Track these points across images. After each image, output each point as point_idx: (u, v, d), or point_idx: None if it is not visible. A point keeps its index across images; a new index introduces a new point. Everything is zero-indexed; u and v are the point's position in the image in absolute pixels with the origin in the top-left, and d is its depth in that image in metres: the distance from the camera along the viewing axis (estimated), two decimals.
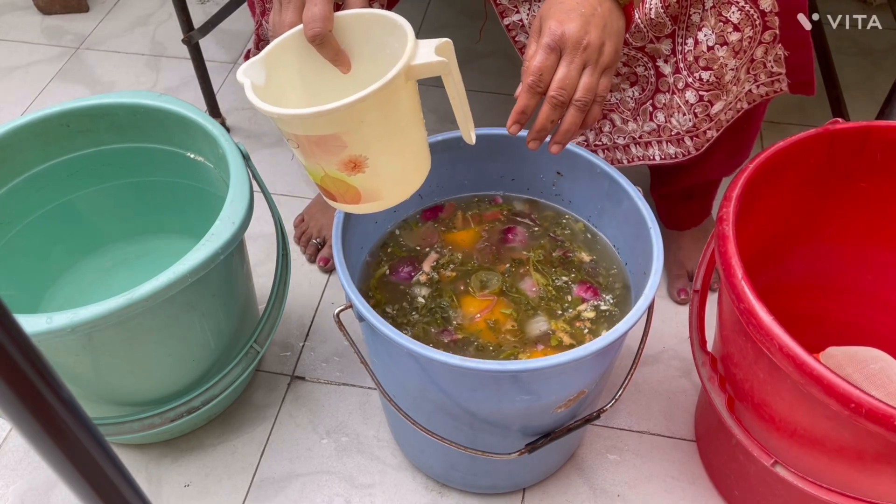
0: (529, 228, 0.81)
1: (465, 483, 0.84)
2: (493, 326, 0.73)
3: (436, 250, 0.79)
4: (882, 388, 0.76)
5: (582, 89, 0.63)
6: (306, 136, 0.59)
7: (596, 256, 0.79)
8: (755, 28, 0.75)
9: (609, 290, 0.76)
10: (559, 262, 0.78)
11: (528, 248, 0.79)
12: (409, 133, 0.63)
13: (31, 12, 1.57)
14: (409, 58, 0.58)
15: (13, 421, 0.28)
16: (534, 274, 0.76)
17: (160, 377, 0.78)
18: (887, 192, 0.77)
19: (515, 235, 0.80)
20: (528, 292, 0.75)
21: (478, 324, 0.73)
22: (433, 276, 0.77)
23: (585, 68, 0.63)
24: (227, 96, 1.34)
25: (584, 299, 0.75)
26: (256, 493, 0.86)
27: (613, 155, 0.89)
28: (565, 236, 0.80)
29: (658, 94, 0.81)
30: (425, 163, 0.67)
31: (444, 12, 1.54)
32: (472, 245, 0.80)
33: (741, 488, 0.79)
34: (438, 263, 0.78)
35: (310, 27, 0.61)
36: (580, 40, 0.61)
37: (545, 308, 0.74)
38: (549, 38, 0.62)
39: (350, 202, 0.64)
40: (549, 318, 0.74)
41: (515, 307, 0.74)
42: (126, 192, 0.91)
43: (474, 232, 0.81)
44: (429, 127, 0.66)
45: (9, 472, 0.88)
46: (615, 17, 0.64)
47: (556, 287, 0.76)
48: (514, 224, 0.81)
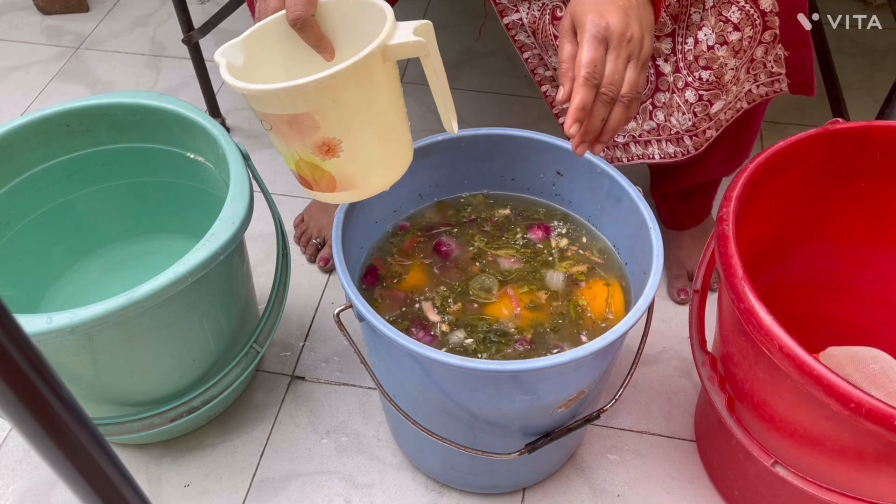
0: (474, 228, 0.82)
1: (465, 483, 0.84)
2: (534, 306, 0.74)
3: (426, 297, 0.76)
4: (882, 388, 0.76)
5: (628, 84, 0.61)
6: (278, 116, 0.57)
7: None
8: (755, 28, 0.75)
9: (553, 218, 0.80)
10: (496, 232, 0.81)
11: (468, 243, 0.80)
12: (386, 118, 0.61)
13: (31, 12, 1.57)
14: (387, 37, 0.57)
15: (13, 421, 0.28)
16: (496, 252, 0.78)
17: (160, 377, 0.78)
18: (887, 192, 0.77)
19: (450, 244, 0.80)
20: (511, 266, 0.78)
21: (522, 316, 0.74)
22: (449, 319, 0.74)
23: (630, 62, 0.61)
24: (227, 96, 1.34)
25: (545, 237, 0.79)
26: (256, 493, 0.86)
27: (613, 153, 0.89)
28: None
29: (658, 93, 0.81)
30: (405, 155, 0.65)
31: (444, 12, 1.54)
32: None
33: (741, 488, 0.79)
34: (441, 306, 0.75)
35: (291, 10, 0.61)
36: (624, 32, 0.60)
37: (539, 264, 0.77)
38: (596, 29, 0.60)
39: (325, 189, 0.63)
40: (551, 269, 0.76)
41: (527, 282, 0.76)
42: (126, 192, 0.91)
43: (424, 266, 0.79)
44: (429, 127, 0.66)
45: (9, 472, 0.88)
46: (647, 10, 0.63)
47: (520, 246, 0.79)
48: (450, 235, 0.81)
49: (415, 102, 1.25)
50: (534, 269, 0.77)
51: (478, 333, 0.72)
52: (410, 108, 0.64)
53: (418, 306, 0.75)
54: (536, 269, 0.77)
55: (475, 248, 0.79)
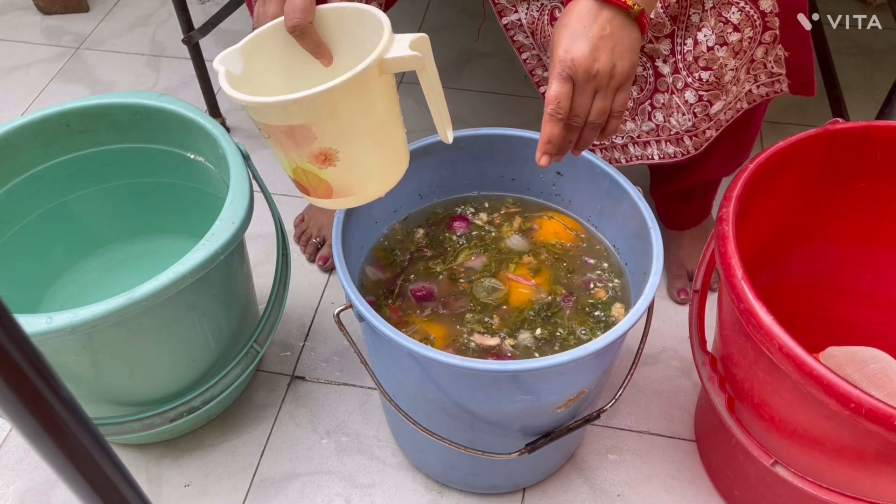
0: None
1: (465, 483, 0.84)
2: (535, 270, 0.77)
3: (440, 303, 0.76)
4: (882, 388, 0.76)
5: (595, 113, 0.64)
6: (276, 126, 0.58)
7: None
8: (755, 28, 0.75)
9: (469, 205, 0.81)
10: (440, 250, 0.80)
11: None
12: (383, 128, 0.62)
13: (31, 12, 1.57)
14: (383, 51, 0.57)
15: (13, 421, 0.28)
16: (460, 263, 0.79)
17: (160, 377, 0.78)
18: (887, 192, 0.77)
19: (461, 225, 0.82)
20: (475, 266, 0.78)
21: (537, 284, 0.76)
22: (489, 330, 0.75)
23: (597, 93, 0.64)
24: (227, 96, 1.33)
25: (465, 228, 0.80)
26: (256, 493, 0.86)
27: (612, 154, 0.89)
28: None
29: (656, 93, 0.81)
30: (401, 162, 0.66)
31: (443, 12, 1.54)
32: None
33: (741, 488, 0.79)
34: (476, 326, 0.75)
35: (290, 17, 0.62)
36: (589, 69, 0.62)
37: (493, 243, 0.79)
38: (560, 67, 0.62)
39: (322, 196, 0.64)
40: (503, 238, 0.79)
41: (502, 264, 0.77)
42: (126, 192, 0.91)
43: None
44: (428, 127, 0.66)
45: (9, 472, 0.88)
46: (627, 31, 0.63)
47: (469, 243, 0.80)
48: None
49: (414, 102, 1.25)
50: (497, 251, 0.78)
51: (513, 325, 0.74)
52: (409, 108, 0.65)
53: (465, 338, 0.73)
54: (498, 248, 0.79)
55: (444, 272, 0.78)
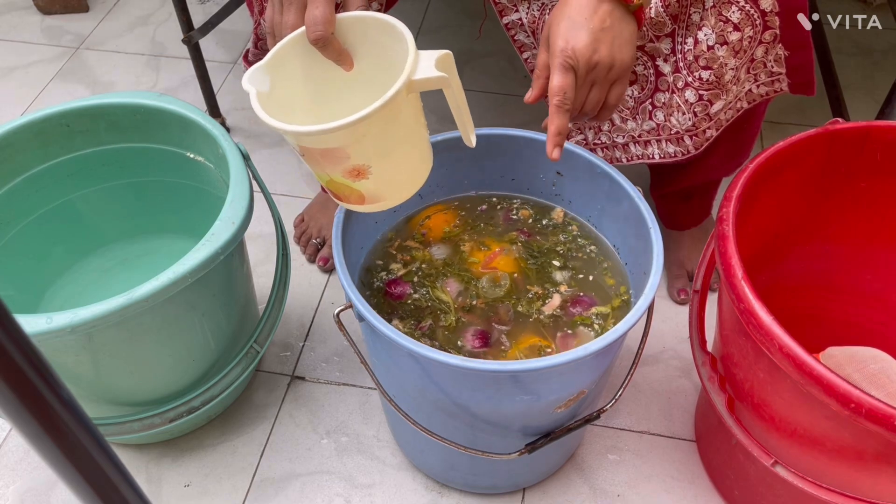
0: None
1: (465, 483, 0.84)
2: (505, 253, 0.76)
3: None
4: (882, 388, 0.76)
5: (590, 104, 0.66)
6: (310, 149, 0.60)
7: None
8: (755, 28, 0.75)
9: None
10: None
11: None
12: (411, 141, 0.64)
13: (31, 12, 1.57)
14: (410, 73, 0.58)
15: (13, 421, 0.28)
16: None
17: (160, 377, 0.78)
18: (887, 192, 0.77)
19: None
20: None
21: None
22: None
23: (594, 86, 0.65)
24: (227, 96, 1.34)
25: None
26: (256, 493, 0.86)
27: (612, 154, 0.89)
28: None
29: (657, 93, 0.81)
30: (427, 164, 0.68)
31: (443, 12, 1.54)
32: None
33: (741, 488, 0.79)
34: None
35: (312, 30, 0.62)
36: (589, 59, 0.63)
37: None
38: (562, 58, 0.63)
39: (355, 203, 0.66)
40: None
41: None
42: (126, 192, 0.91)
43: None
44: (429, 127, 0.67)
45: (9, 472, 0.88)
46: (626, 24, 0.64)
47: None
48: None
49: None
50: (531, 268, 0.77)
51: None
52: None
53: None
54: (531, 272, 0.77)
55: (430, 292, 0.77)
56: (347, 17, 0.64)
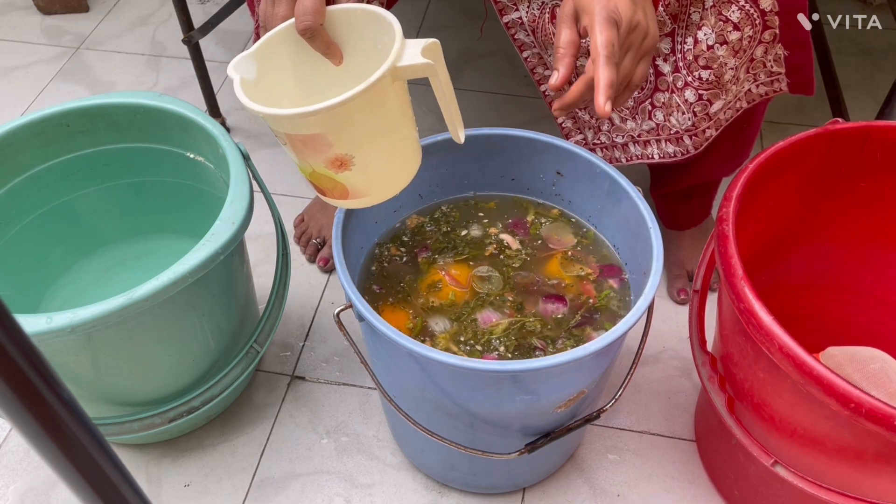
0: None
1: (465, 483, 0.84)
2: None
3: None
4: (882, 388, 0.76)
5: (622, 71, 0.63)
6: (293, 135, 0.59)
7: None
8: (755, 27, 0.75)
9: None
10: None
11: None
12: (396, 132, 0.63)
13: (31, 12, 1.57)
14: (395, 59, 0.58)
15: (13, 421, 0.28)
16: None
17: (160, 377, 0.78)
18: (887, 192, 0.77)
19: (554, 304, 0.76)
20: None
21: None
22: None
23: (629, 51, 0.63)
24: (227, 96, 1.33)
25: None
26: (256, 493, 0.86)
27: (612, 154, 0.89)
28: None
29: (657, 92, 0.81)
30: (414, 161, 0.67)
31: (444, 12, 1.54)
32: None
33: (741, 488, 0.79)
34: None
35: (301, 20, 0.62)
36: (632, 18, 0.62)
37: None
38: (606, 13, 0.61)
39: (338, 197, 0.65)
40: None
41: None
42: (126, 192, 0.91)
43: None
44: (429, 127, 0.66)
45: (9, 472, 0.88)
46: (650, 4, 0.64)
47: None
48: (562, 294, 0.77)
49: (415, 102, 1.23)
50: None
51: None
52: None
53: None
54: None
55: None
56: (337, 9, 0.64)
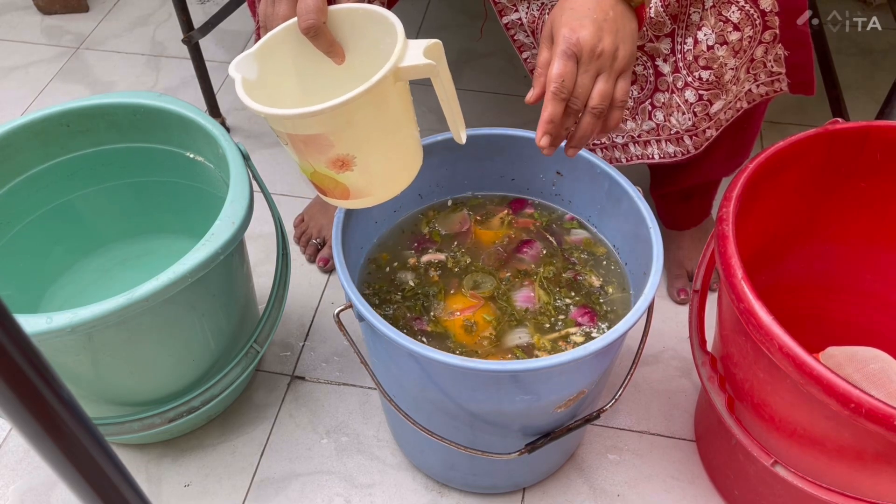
0: (548, 245, 0.79)
1: (465, 483, 0.84)
2: (469, 328, 0.73)
3: (442, 247, 0.77)
4: (882, 388, 0.76)
5: (597, 97, 0.63)
6: (294, 135, 0.59)
7: (604, 281, 0.77)
8: (755, 28, 0.75)
9: (605, 320, 0.74)
10: (567, 283, 0.76)
11: (540, 263, 0.78)
12: (398, 133, 0.63)
13: (31, 12, 1.57)
14: (398, 60, 0.58)
15: (13, 421, 0.28)
16: (537, 290, 0.75)
17: (160, 377, 0.78)
18: (887, 192, 0.77)
19: (531, 248, 0.79)
20: (519, 303, 0.74)
21: (456, 321, 0.73)
22: (425, 267, 0.76)
23: (600, 75, 0.63)
24: (227, 96, 1.33)
25: (579, 324, 0.73)
26: (256, 493, 0.86)
27: (612, 154, 0.89)
28: (581, 260, 0.78)
29: (657, 93, 0.81)
30: (415, 161, 0.67)
31: (444, 12, 1.54)
32: (488, 245, 0.79)
33: (741, 488, 0.79)
34: (441, 259, 0.77)
35: (304, 19, 0.62)
36: (594, 47, 0.61)
37: (532, 321, 0.73)
38: (565, 45, 0.61)
39: (339, 197, 0.65)
40: (533, 332, 0.72)
41: (500, 315, 0.74)
42: (126, 192, 0.91)
43: (497, 234, 0.80)
44: (429, 127, 0.67)
45: (9, 472, 0.88)
46: (627, 19, 0.64)
47: (555, 307, 0.74)
48: (534, 238, 0.80)
49: (415, 102, 1.24)
50: (522, 319, 0.73)
51: (426, 290, 0.73)
52: None
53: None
54: (524, 321, 0.73)
55: (536, 268, 0.77)
56: (340, 9, 0.64)
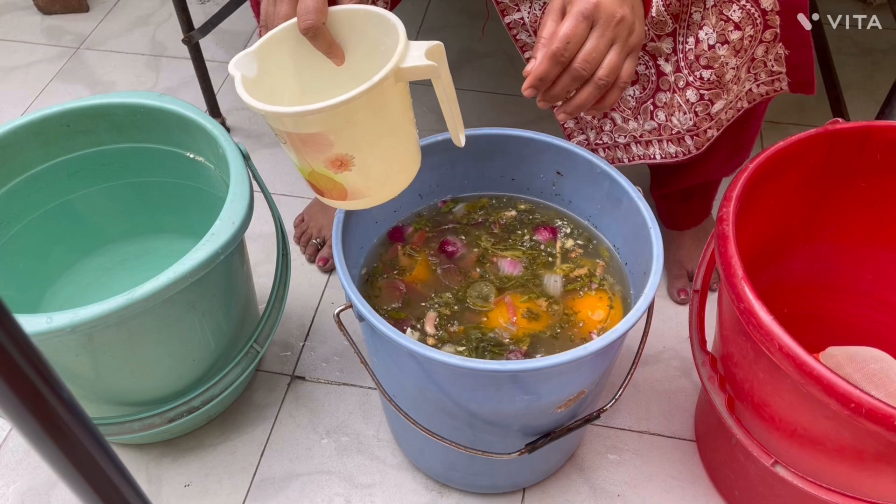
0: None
1: (465, 483, 0.84)
2: (532, 315, 0.73)
3: (427, 303, 0.75)
4: (882, 388, 0.76)
5: (606, 67, 0.61)
6: (293, 133, 0.59)
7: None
8: (756, 27, 0.75)
9: (560, 219, 0.79)
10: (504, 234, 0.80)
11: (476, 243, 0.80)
12: (397, 134, 0.63)
13: (31, 12, 1.57)
14: (399, 60, 0.58)
15: (13, 421, 0.28)
16: (501, 253, 0.78)
17: (160, 377, 0.78)
18: (887, 192, 0.77)
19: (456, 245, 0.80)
20: (508, 271, 0.76)
21: (519, 325, 0.73)
22: (441, 335, 0.74)
23: (614, 44, 0.61)
24: (227, 96, 1.34)
25: (551, 238, 0.78)
26: (256, 493, 0.86)
27: (614, 154, 0.89)
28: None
29: (659, 92, 0.81)
30: (414, 163, 0.67)
31: (444, 12, 1.54)
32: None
33: (741, 488, 0.79)
34: (440, 318, 0.74)
35: (303, 19, 0.62)
36: (614, 13, 0.60)
37: (539, 265, 0.76)
38: (584, 5, 0.59)
39: (337, 198, 0.65)
40: (550, 271, 0.76)
41: (523, 290, 0.75)
42: (126, 192, 0.91)
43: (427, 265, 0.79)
44: (429, 127, 0.66)
45: (9, 472, 0.88)
46: (639, 4, 0.63)
47: (525, 248, 0.77)
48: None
49: (415, 102, 1.24)
50: (534, 275, 0.76)
51: (471, 343, 0.71)
52: None
53: (418, 310, 0.74)
54: (536, 275, 0.76)
55: (481, 249, 0.78)
56: (340, 10, 0.64)
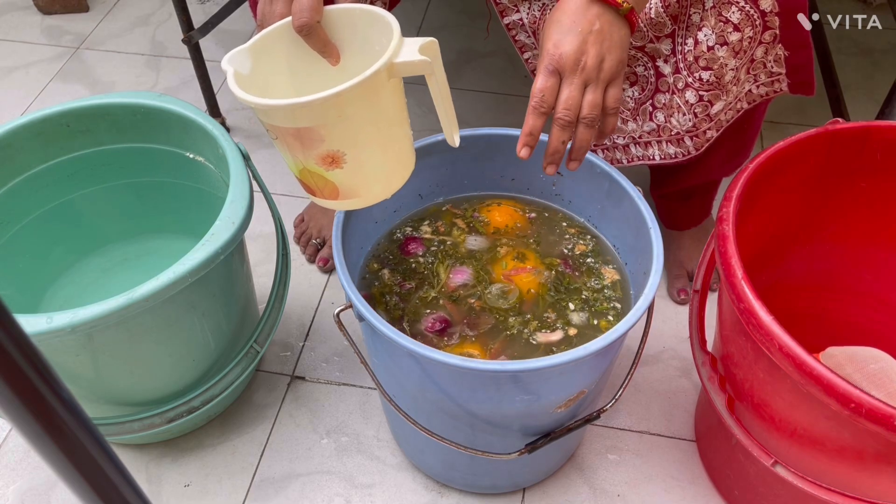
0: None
1: (465, 483, 0.84)
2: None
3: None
4: (882, 388, 0.76)
5: (587, 107, 0.64)
6: (284, 128, 0.58)
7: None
8: (755, 28, 0.75)
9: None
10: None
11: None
12: (390, 131, 0.62)
13: (31, 12, 1.57)
14: (392, 55, 0.57)
15: (13, 421, 0.28)
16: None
17: (160, 377, 0.78)
18: (887, 192, 0.77)
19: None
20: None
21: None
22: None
23: (587, 87, 0.64)
24: (227, 96, 1.33)
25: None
26: (256, 493, 0.86)
27: (613, 155, 0.89)
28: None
29: (658, 93, 0.81)
30: (407, 164, 0.66)
31: (444, 12, 1.54)
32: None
33: (741, 488, 0.79)
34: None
35: (298, 17, 0.62)
36: (577, 61, 0.62)
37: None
38: (548, 60, 0.63)
39: (328, 197, 0.65)
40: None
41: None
42: (126, 192, 0.91)
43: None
44: (429, 127, 0.66)
45: (9, 472, 0.88)
46: (616, 27, 0.64)
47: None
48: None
49: (414, 103, 1.25)
50: (472, 259, 0.78)
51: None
52: (410, 108, 0.65)
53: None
54: (470, 256, 0.78)
55: (441, 297, 0.76)
56: (336, 9, 0.64)
